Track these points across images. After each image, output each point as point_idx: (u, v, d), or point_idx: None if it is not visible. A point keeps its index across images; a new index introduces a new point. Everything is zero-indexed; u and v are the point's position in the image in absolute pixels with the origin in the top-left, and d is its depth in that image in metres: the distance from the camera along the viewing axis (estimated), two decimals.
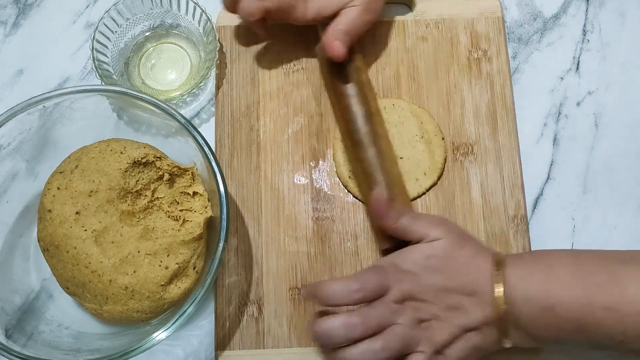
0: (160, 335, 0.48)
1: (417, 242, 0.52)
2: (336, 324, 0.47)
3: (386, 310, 0.48)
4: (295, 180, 0.60)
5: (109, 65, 0.61)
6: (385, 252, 0.55)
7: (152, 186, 0.55)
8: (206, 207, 0.55)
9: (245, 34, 0.64)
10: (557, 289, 0.47)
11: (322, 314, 0.50)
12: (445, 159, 0.60)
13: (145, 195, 0.55)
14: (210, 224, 0.55)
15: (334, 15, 0.57)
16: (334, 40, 0.56)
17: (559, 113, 0.63)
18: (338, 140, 0.60)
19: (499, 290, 0.48)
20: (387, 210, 0.53)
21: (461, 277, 0.50)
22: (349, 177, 0.59)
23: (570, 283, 0.47)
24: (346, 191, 0.60)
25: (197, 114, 0.63)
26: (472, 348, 0.50)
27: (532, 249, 0.59)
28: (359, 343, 0.47)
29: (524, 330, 0.49)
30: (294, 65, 0.63)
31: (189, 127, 0.52)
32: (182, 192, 0.55)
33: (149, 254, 0.51)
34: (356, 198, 0.59)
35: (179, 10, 0.63)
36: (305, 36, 0.63)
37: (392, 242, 0.54)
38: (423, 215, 0.56)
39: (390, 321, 0.48)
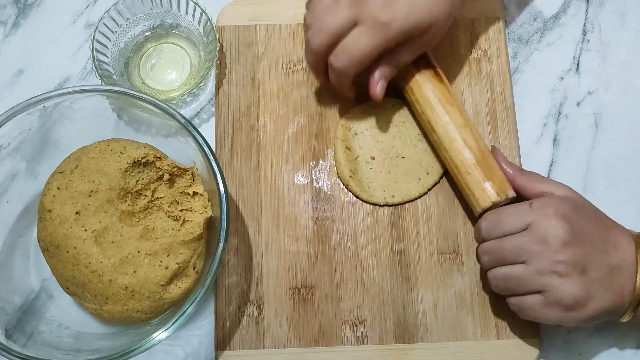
0: (160, 335, 0.49)
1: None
2: (480, 249, 0.54)
3: (515, 248, 0.50)
4: (295, 180, 0.60)
5: (109, 65, 0.61)
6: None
7: (152, 186, 0.55)
8: (206, 207, 0.55)
9: (245, 34, 0.64)
10: None
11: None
12: None
13: (145, 195, 0.55)
14: (210, 224, 0.55)
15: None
16: (380, 80, 0.56)
17: (559, 113, 0.63)
18: (339, 140, 0.60)
19: None
20: (509, 163, 0.56)
21: (605, 232, 0.51)
22: (350, 176, 0.59)
23: None
24: (346, 191, 0.60)
25: (197, 114, 0.63)
26: (603, 309, 0.50)
27: None
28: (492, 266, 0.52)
29: None
30: (294, 65, 0.63)
31: (189, 127, 0.52)
32: (182, 192, 0.55)
33: (149, 254, 0.51)
34: (357, 197, 0.59)
35: (179, 10, 0.63)
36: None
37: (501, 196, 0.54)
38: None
39: (519, 260, 0.50)
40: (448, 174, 0.60)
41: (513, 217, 0.51)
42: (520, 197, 0.55)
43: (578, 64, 0.65)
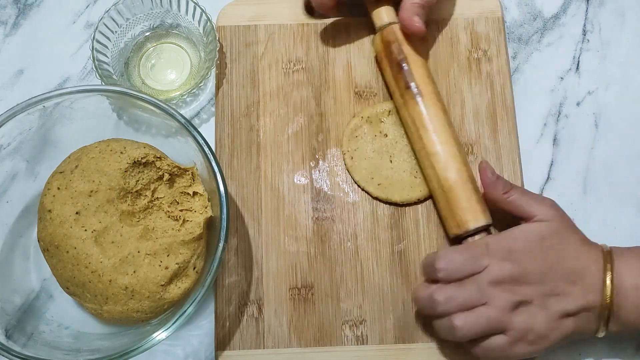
0: (160, 335, 0.49)
1: (525, 220, 0.53)
2: (423, 295, 0.52)
3: (475, 291, 0.50)
4: (295, 180, 0.60)
5: (109, 65, 0.61)
6: (453, 241, 0.56)
7: (152, 186, 0.55)
8: (206, 207, 0.55)
9: (245, 34, 0.64)
10: None
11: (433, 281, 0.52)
12: None
13: (145, 195, 0.55)
14: (210, 224, 0.55)
15: None
16: (414, 16, 0.56)
17: (559, 113, 0.63)
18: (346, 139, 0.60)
19: (609, 279, 0.50)
20: (496, 179, 0.54)
21: (571, 262, 0.51)
22: (371, 178, 0.59)
23: None
24: (346, 191, 0.60)
25: (197, 114, 0.63)
26: (565, 335, 0.51)
27: None
28: (447, 316, 0.51)
29: (624, 320, 0.50)
30: (294, 65, 0.63)
31: (189, 127, 0.52)
32: (182, 192, 0.55)
33: (149, 254, 0.51)
34: (364, 190, 0.59)
35: (179, 10, 0.63)
36: (309, 36, 0.63)
37: (485, 219, 0.54)
38: (531, 192, 0.55)
39: (480, 302, 0.50)
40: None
41: (470, 260, 0.51)
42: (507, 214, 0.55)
43: (578, 64, 0.65)
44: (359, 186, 0.60)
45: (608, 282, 0.50)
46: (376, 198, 0.59)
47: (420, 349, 0.56)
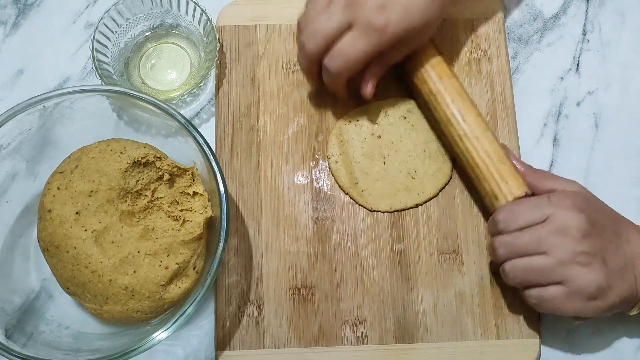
0: (160, 335, 0.49)
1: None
2: (488, 245, 0.55)
3: (533, 239, 0.50)
4: (295, 180, 0.60)
5: (109, 65, 0.61)
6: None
7: (152, 186, 0.55)
8: (206, 207, 0.55)
9: (245, 34, 0.64)
10: None
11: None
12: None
13: (145, 195, 0.55)
14: (210, 224, 0.55)
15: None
16: (369, 82, 0.57)
17: (559, 113, 0.63)
18: (335, 146, 0.60)
19: None
20: (520, 161, 0.56)
21: (615, 224, 0.52)
22: (353, 184, 0.59)
23: None
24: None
25: (197, 114, 0.63)
26: (620, 297, 0.50)
27: None
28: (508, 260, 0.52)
29: None
30: (294, 65, 0.63)
31: (189, 127, 0.52)
32: (182, 192, 0.55)
33: (149, 254, 0.51)
34: (357, 203, 0.59)
35: (179, 10, 0.63)
36: None
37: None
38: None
39: (537, 250, 0.50)
40: (456, 166, 0.60)
41: (532, 210, 0.51)
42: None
43: (578, 64, 0.65)
44: (343, 191, 0.59)
45: None
46: (361, 205, 0.59)
47: (420, 349, 0.56)
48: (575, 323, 0.54)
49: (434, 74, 0.57)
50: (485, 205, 0.57)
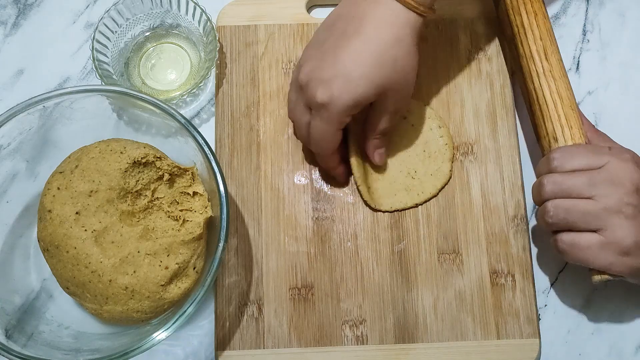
0: (160, 335, 0.49)
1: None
2: (535, 183, 0.54)
3: (584, 182, 0.50)
4: (295, 180, 0.60)
5: (109, 65, 0.61)
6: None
7: (152, 186, 0.55)
8: (206, 207, 0.55)
9: (245, 34, 0.64)
10: None
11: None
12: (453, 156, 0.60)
13: (145, 195, 0.55)
14: (210, 224, 0.55)
15: None
16: (376, 150, 0.58)
17: None
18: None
19: None
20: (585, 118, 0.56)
21: None
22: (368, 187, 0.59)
23: None
24: (346, 191, 0.60)
25: (197, 114, 0.63)
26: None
27: (532, 249, 0.59)
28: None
29: None
30: (294, 66, 0.63)
31: (189, 127, 0.52)
32: (182, 192, 0.55)
33: (149, 254, 0.51)
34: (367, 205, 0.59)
35: (179, 10, 0.63)
36: (309, 36, 0.63)
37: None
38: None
39: (586, 194, 0.50)
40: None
41: (590, 154, 0.51)
42: None
43: (578, 64, 0.65)
44: (356, 184, 0.59)
45: None
46: (366, 202, 0.59)
47: (420, 349, 0.56)
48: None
49: (530, 8, 0.58)
50: (541, 147, 0.57)
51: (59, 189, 0.53)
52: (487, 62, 0.63)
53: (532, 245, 0.59)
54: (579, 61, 0.65)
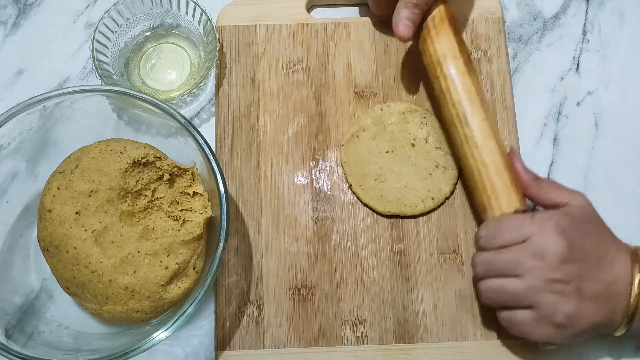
0: (160, 335, 0.49)
1: (553, 208, 0.52)
2: (476, 258, 0.53)
3: (510, 260, 0.50)
4: (295, 181, 0.60)
5: (109, 65, 0.61)
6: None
7: (152, 186, 0.55)
8: (206, 207, 0.55)
9: (245, 34, 0.64)
10: None
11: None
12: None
13: (145, 195, 0.55)
14: (210, 224, 0.55)
15: None
16: (403, 19, 0.55)
17: (559, 113, 0.63)
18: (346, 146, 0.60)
19: (638, 279, 0.49)
20: (526, 169, 0.54)
21: (606, 249, 0.50)
22: (362, 188, 0.59)
23: None
24: (346, 191, 0.60)
25: (197, 114, 0.63)
26: (592, 324, 0.49)
27: None
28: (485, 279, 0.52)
29: None
30: (294, 65, 0.63)
31: (189, 127, 0.52)
32: (182, 192, 0.55)
33: (149, 254, 0.51)
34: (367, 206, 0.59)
35: (179, 10, 0.63)
36: (309, 36, 0.63)
37: (522, 204, 0.53)
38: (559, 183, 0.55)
39: (513, 272, 0.50)
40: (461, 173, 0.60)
41: (513, 229, 0.51)
42: (535, 204, 0.55)
43: (578, 64, 0.65)
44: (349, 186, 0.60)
45: (637, 282, 0.49)
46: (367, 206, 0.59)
47: (420, 349, 0.56)
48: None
49: (446, 70, 0.55)
50: (478, 215, 0.56)
51: (59, 188, 0.53)
52: (487, 62, 0.63)
53: None
54: (579, 61, 0.65)
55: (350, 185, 0.59)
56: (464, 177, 0.57)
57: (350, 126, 0.61)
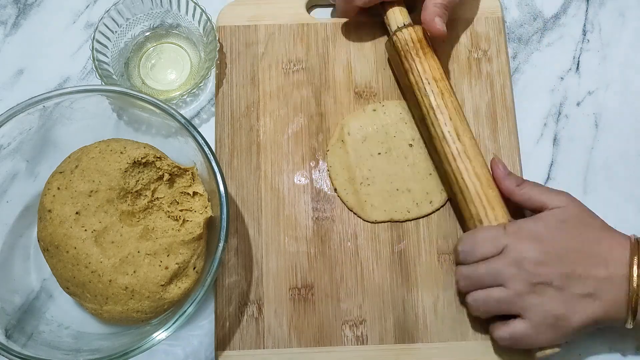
0: (160, 335, 0.49)
1: (540, 211, 0.53)
2: (457, 273, 0.54)
3: (489, 271, 0.51)
4: (295, 181, 0.60)
5: (109, 65, 0.61)
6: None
7: (152, 186, 0.55)
8: (206, 207, 0.55)
9: (245, 34, 0.64)
10: None
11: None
12: None
13: (145, 195, 0.55)
14: (210, 224, 0.55)
15: None
16: (436, 17, 0.56)
17: (559, 113, 0.63)
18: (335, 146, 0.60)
19: (637, 268, 0.49)
20: (508, 173, 0.55)
21: (593, 245, 0.51)
22: (347, 193, 0.59)
23: None
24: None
25: (197, 114, 0.63)
26: (591, 319, 0.50)
27: None
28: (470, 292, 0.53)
29: None
30: (294, 65, 0.63)
31: (189, 127, 0.52)
32: (182, 192, 0.55)
33: (149, 254, 0.51)
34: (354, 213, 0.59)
35: (179, 10, 0.63)
36: (309, 36, 0.63)
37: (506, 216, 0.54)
38: (544, 185, 0.56)
39: (494, 282, 0.51)
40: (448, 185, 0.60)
41: (488, 242, 0.52)
42: (520, 209, 0.56)
43: (578, 64, 0.65)
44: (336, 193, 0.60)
45: (635, 275, 0.49)
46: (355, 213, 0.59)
47: (420, 349, 0.56)
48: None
49: (435, 89, 0.57)
50: (467, 228, 0.56)
51: (59, 189, 0.53)
52: (487, 62, 0.63)
53: None
54: (579, 61, 0.65)
55: (336, 189, 0.59)
56: (454, 193, 0.56)
57: (334, 130, 0.61)
